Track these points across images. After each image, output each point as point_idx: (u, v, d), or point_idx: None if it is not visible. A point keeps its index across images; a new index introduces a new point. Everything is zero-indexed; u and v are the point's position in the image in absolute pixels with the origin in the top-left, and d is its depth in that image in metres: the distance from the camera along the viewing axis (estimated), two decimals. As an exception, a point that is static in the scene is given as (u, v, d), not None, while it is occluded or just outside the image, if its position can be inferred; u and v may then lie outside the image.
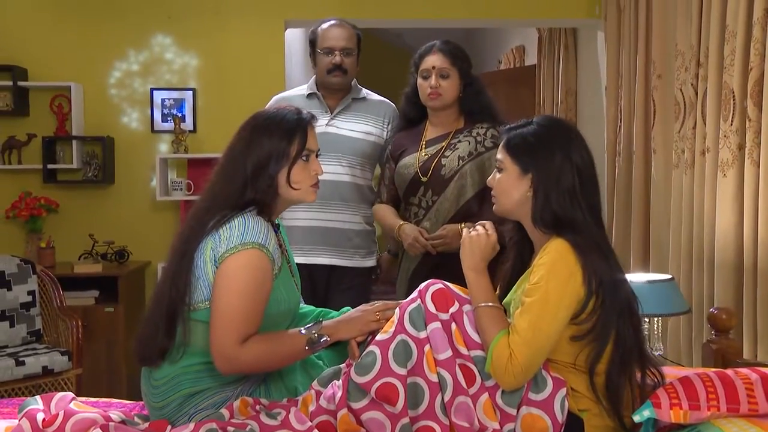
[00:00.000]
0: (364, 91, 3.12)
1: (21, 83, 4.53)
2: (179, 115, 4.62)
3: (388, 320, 1.90)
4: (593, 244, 1.79)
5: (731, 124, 3.08)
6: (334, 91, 3.03)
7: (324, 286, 2.99)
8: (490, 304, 1.80)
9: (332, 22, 3.06)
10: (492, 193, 1.97)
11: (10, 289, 3.81)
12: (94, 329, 4.17)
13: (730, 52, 3.11)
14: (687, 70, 3.49)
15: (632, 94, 4.11)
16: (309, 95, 3.06)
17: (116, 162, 4.66)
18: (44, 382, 3.58)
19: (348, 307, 2.21)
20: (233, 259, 1.83)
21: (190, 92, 4.67)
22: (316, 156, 2.04)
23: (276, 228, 2.03)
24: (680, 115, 3.55)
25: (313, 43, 3.06)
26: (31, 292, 3.86)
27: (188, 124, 4.66)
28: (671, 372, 1.98)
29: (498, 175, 1.94)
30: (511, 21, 5.26)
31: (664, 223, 3.77)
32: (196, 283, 1.88)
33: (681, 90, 3.54)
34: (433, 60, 2.77)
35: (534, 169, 1.86)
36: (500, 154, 1.93)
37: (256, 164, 1.91)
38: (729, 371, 1.73)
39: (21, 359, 3.51)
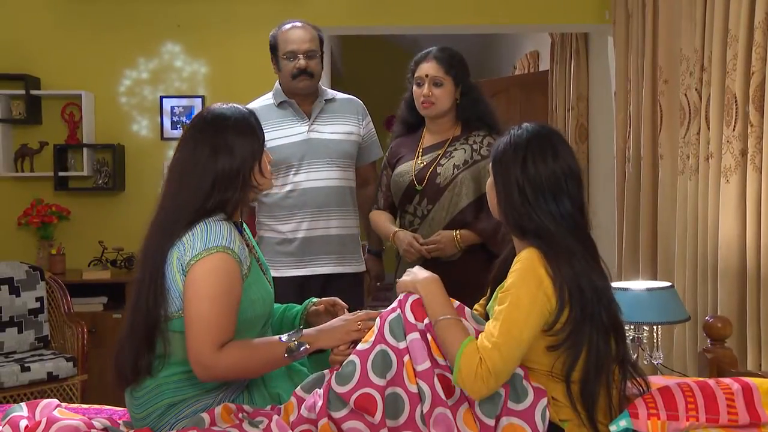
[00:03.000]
0: (331, 92, 3.06)
1: (33, 92, 4.59)
2: (188, 122, 4.64)
3: (369, 329, 1.89)
4: (565, 251, 1.77)
5: (734, 130, 3.04)
6: (305, 95, 2.95)
7: (318, 296, 2.92)
8: (448, 316, 1.78)
9: (292, 24, 2.95)
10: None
11: (18, 295, 3.87)
12: (102, 335, 4.21)
13: (732, 57, 3.07)
14: (691, 75, 3.45)
15: (640, 99, 4.07)
16: (280, 104, 2.96)
17: (126, 169, 4.71)
18: (49, 387, 3.61)
19: (313, 298, 2.20)
20: (199, 265, 1.83)
21: (199, 99, 4.71)
22: None
23: (240, 228, 2.01)
24: (685, 120, 3.51)
25: (273, 48, 2.94)
26: (39, 299, 3.91)
27: (197, 132, 4.68)
28: (661, 381, 1.95)
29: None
30: (522, 26, 5.24)
31: (670, 229, 3.72)
32: (167, 295, 1.88)
33: (686, 95, 3.50)
34: (427, 68, 2.75)
35: (496, 179, 1.88)
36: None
37: (235, 166, 1.90)
38: (711, 381, 1.70)
39: (26, 365, 3.56)
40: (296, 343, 1.89)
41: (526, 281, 1.73)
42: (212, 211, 1.89)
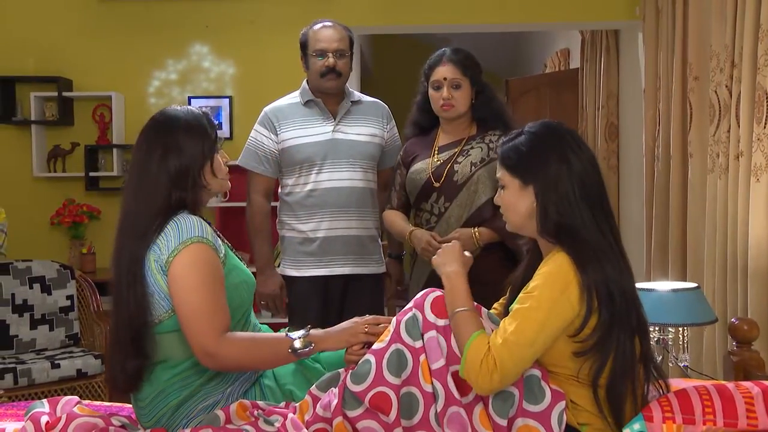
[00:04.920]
0: (357, 94, 3.05)
1: (66, 94, 4.67)
2: (216, 122, 4.67)
3: (377, 334, 1.89)
4: (596, 252, 1.73)
5: (764, 127, 2.97)
6: (331, 95, 2.95)
7: (339, 297, 2.93)
8: (466, 308, 1.77)
9: (323, 23, 2.96)
10: (501, 211, 1.94)
11: (50, 293, 3.93)
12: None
13: (763, 53, 3.00)
14: (722, 72, 3.38)
15: (670, 96, 4.00)
16: (307, 102, 2.96)
17: (155, 170, 4.75)
18: (78, 384, 3.67)
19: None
20: (178, 260, 1.84)
21: (227, 100, 4.75)
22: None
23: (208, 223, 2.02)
24: (715, 118, 3.44)
25: (303, 46, 2.95)
26: (69, 297, 3.98)
27: (224, 132, 4.73)
28: (682, 384, 1.91)
29: (502, 193, 1.91)
30: (552, 24, 5.20)
31: (700, 229, 3.66)
32: (152, 299, 1.88)
33: (716, 92, 3.43)
34: (444, 71, 2.75)
35: (533, 179, 1.82)
36: (499, 172, 1.91)
37: (184, 165, 1.91)
38: (729, 384, 1.66)
39: (56, 362, 3.62)
40: (302, 341, 1.89)
41: (550, 285, 1.70)
42: (176, 208, 1.91)
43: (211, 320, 1.83)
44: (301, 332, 1.92)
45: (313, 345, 1.90)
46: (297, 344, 1.88)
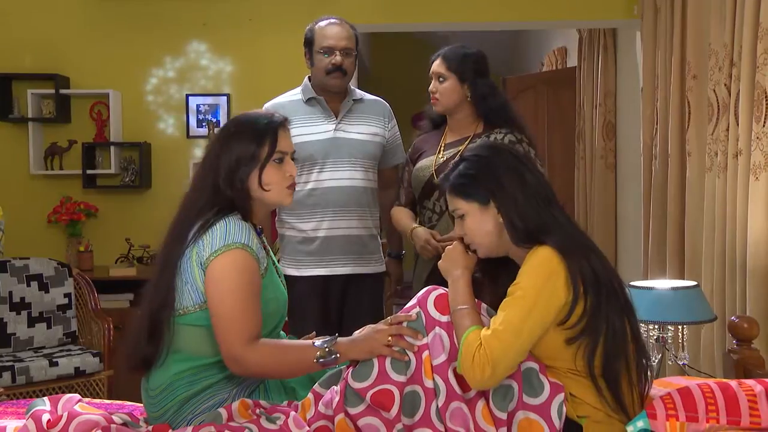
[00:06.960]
0: (359, 92, 3.04)
1: (63, 91, 4.65)
2: (214, 120, 4.69)
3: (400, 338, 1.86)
4: (575, 242, 1.79)
5: (763, 126, 2.97)
6: (334, 93, 2.93)
7: (339, 296, 2.93)
8: (466, 306, 1.80)
9: (331, 20, 2.95)
10: (467, 242, 1.94)
11: (47, 291, 3.92)
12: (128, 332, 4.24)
13: (763, 51, 3.00)
14: (720, 70, 3.39)
15: (668, 95, 4.01)
16: (308, 100, 2.94)
17: (153, 167, 4.75)
18: (77, 382, 3.66)
19: None
20: (219, 261, 1.85)
21: (225, 98, 4.74)
22: (292, 158, 2.03)
23: (258, 231, 2.03)
24: (713, 116, 3.45)
25: (309, 42, 2.93)
26: (67, 295, 3.96)
27: (223, 130, 4.71)
28: (683, 382, 1.92)
29: (463, 223, 1.92)
30: (550, 23, 5.20)
31: (698, 228, 3.66)
32: (183, 288, 1.90)
33: (714, 90, 3.44)
34: (434, 65, 2.82)
35: (490, 196, 1.86)
36: (452, 205, 1.93)
37: (228, 168, 1.92)
38: (732, 382, 1.67)
39: (55, 360, 3.60)
40: (328, 350, 1.87)
41: (536, 274, 1.74)
42: (223, 208, 1.91)
43: (240, 326, 1.84)
44: (327, 340, 1.89)
45: (338, 354, 1.87)
46: (324, 353, 1.86)
